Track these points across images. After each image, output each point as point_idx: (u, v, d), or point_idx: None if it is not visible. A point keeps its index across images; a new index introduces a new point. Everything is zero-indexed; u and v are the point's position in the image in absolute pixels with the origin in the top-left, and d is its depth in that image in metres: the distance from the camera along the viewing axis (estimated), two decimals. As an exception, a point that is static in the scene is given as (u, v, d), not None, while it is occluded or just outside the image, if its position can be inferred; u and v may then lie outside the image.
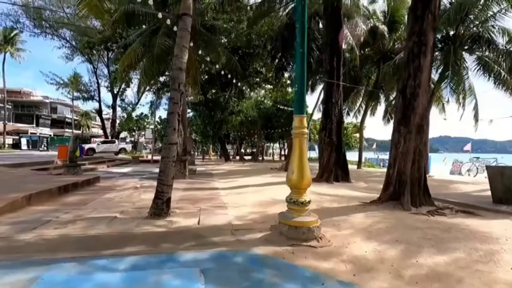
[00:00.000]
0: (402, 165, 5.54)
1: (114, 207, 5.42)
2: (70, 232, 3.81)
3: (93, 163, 15.53)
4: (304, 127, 3.82)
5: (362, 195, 6.90)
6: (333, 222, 4.46)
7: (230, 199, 6.48)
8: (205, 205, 5.78)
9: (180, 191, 7.57)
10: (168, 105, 5.00)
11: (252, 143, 37.11)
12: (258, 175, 11.87)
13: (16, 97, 59.70)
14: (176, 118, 4.88)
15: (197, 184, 9.12)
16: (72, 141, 10.16)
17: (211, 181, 10.05)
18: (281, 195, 6.98)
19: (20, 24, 22.60)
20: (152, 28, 11.50)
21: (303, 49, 3.83)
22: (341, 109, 9.72)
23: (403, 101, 5.62)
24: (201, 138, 29.88)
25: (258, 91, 26.27)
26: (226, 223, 4.45)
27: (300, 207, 3.72)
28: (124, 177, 10.78)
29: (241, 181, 9.86)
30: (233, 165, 18.99)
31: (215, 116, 22.11)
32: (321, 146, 9.30)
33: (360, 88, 16.85)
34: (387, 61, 15.64)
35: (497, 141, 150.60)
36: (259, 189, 7.80)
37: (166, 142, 4.87)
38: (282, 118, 25.72)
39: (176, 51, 5.00)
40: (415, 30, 5.54)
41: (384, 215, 4.84)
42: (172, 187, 4.97)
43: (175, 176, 10.62)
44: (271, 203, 5.96)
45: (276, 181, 9.49)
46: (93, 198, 6.27)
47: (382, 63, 15.68)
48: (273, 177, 10.91)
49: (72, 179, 7.92)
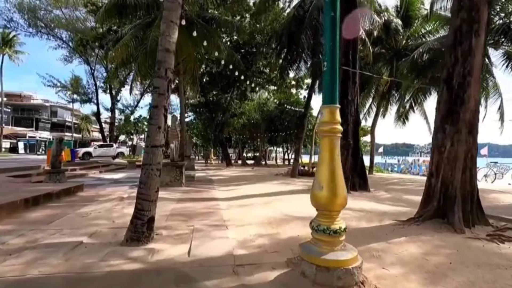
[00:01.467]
0: (448, 174, 4.38)
1: (85, 227, 4.28)
2: (2, 273, 2.67)
3: (85, 168, 14.45)
4: (337, 122, 2.69)
5: (391, 209, 5.72)
6: (371, 251, 3.30)
7: (232, 214, 5.33)
8: (201, 223, 4.63)
9: (172, 202, 6.43)
10: (152, 97, 3.89)
11: (254, 147, 35.99)
12: (263, 182, 10.71)
13: (16, 101, 59.28)
14: (162, 114, 3.76)
15: (193, 194, 7.98)
16: (55, 145, 9.05)
17: (210, 190, 8.91)
18: (293, 209, 5.75)
19: (13, 23, 21.80)
20: (146, 20, 10.48)
21: (335, 12, 2.72)
22: (358, 108, 8.60)
23: (448, 93, 4.48)
24: (202, 141, 28.79)
25: (261, 92, 25.20)
26: (226, 253, 3.30)
27: (333, 238, 2.57)
28: (113, 185, 9.66)
29: (244, 190, 8.71)
30: (235, 170, 17.84)
31: (216, 119, 21.02)
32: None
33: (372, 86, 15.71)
34: (401, 58, 14.56)
35: (500, 145, 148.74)
36: (266, 201, 6.64)
37: (148, 145, 3.74)
38: (286, 121, 24.64)
39: (163, 27, 3.90)
40: (464, 4, 4.41)
41: (435, 240, 3.67)
42: (155, 203, 3.83)
43: (170, 183, 9.52)
44: (283, 220, 4.80)
45: (285, 190, 8.34)
46: (64, 213, 5.13)
47: (395, 60, 14.57)
48: (281, 185, 9.75)
49: (47, 188, 6.80)
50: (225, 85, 20.37)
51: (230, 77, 19.53)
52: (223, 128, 21.54)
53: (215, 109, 21.27)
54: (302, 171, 13.39)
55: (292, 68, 14.90)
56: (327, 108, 2.71)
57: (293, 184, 9.89)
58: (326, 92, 2.75)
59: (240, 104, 22.95)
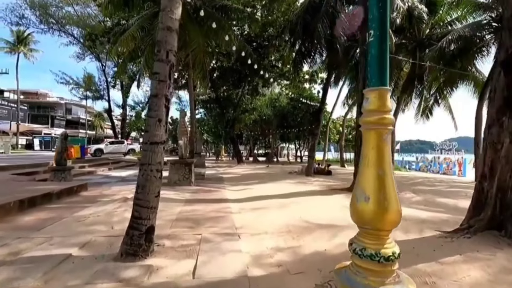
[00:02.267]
0: (507, 176, 3.62)
1: (79, 234, 3.77)
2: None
3: (94, 165, 14.18)
4: (388, 110, 2.01)
5: (429, 216, 4.97)
6: (421, 276, 2.62)
7: (244, 219, 4.72)
8: (209, 230, 4.05)
9: (180, 204, 5.88)
10: (151, 84, 3.30)
11: (265, 144, 35.32)
12: (277, 181, 10.07)
13: (32, 98, 60.73)
14: (163, 104, 3.16)
15: (203, 194, 7.42)
16: (59, 141, 8.68)
17: (220, 189, 8.35)
18: (314, 214, 5.00)
19: (25, 19, 21.82)
20: (153, 10, 9.94)
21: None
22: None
23: (507, 78, 3.69)
24: (213, 138, 28.34)
25: (273, 87, 24.45)
26: (239, 274, 2.69)
27: (383, 267, 1.91)
28: (119, 183, 9.24)
29: (257, 190, 8.10)
30: (246, 168, 17.27)
31: (226, 114, 20.45)
32: (358, 145, 7.40)
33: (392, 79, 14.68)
34: (424, 49, 13.52)
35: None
36: (282, 203, 6.00)
37: (146, 141, 3.16)
38: (298, 117, 23.82)
39: (164, 2, 3.29)
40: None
41: (499, 259, 2.94)
42: (156, 210, 3.26)
43: (179, 182, 9.01)
44: (304, 229, 4.15)
45: (301, 191, 7.67)
46: (60, 217, 4.66)
47: (418, 51, 13.54)
48: (296, 185, 9.09)
49: (48, 187, 6.39)
50: (236, 80, 19.75)
51: (241, 72, 18.91)
52: (234, 124, 20.96)
53: (225, 104, 20.70)
54: (317, 169, 12.66)
55: (307, 61, 14.08)
56: (374, 91, 2.03)
57: (310, 184, 9.20)
58: (372, 70, 2.06)
59: (251, 100, 22.30)
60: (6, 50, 39.16)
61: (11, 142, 35.86)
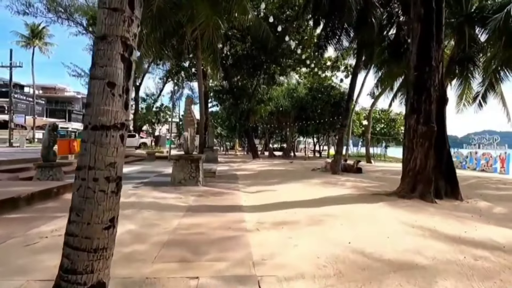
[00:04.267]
0: None
1: (13, 271, 2.39)
2: None
3: (98, 160, 13.11)
4: None
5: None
6: None
7: (266, 244, 3.22)
8: (213, 268, 2.58)
9: (179, 214, 4.47)
10: (97, 19, 1.80)
11: (282, 137, 33.60)
12: (300, 180, 8.51)
13: (51, 93, 61.89)
14: (119, 55, 1.66)
15: (211, 197, 5.98)
16: (47, 133, 7.45)
17: (233, 190, 6.90)
18: (367, 237, 3.32)
19: (32, 8, 21.05)
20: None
21: None
22: (443, 79, 6.02)
23: None
24: (226, 131, 26.93)
25: (291, 77, 22.65)
26: None
27: None
28: (117, 182, 7.97)
29: (278, 192, 6.58)
30: (262, 163, 15.76)
31: (241, 106, 18.94)
32: (410, 139, 5.68)
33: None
34: (473, 26, 11.37)
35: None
36: (315, 214, 4.44)
37: (87, 125, 1.68)
38: (318, 108, 21.90)
39: None
40: None
41: None
42: (109, 252, 1.78)
43: (184, 182, 7.55)
44: (363, 270, 2.58)
45: (334, 195, 6.08)
46: (8, 235, 3.32)
47: (467, 27, 11.39)
48: (325, 186, 7.49)
49: (18, 189, 5.13)
50: (251, 68, 18.14)
51: (256, 58, 17.30)
52: (249, 116, 19.42)
53: (240, 95, 19.18)
54: (345, 166, 10.97)
55: (332, 43, 12.31)
56: None
57: (341, 185, 7.58)
58: None
59: (267, 90, 20.64)
60: (22, 44, 39.35)
61: (28, 135, 36.12)
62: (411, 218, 4.18)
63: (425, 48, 5.62)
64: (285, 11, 15.69)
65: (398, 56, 10.80)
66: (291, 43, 16.75)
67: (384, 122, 26.14)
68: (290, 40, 16.59)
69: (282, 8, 15.85)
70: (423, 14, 5.73)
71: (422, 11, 5.74)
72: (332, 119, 21.85)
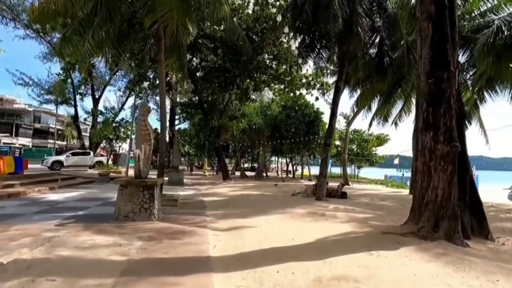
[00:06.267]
0: None
1: None
2: None
3: (30, 183, 10.53)
4: None
5: None
6: None
7: None
8: None
9: (105, 281, 2.68)
10: None
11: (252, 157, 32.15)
12: (282, 210, 6.99)
13: (-4, 105, 55.43)
14: None
15: (166, 243, 4.21)
16: None
17: (199, 228, 5.17)
18: None
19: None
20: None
21: None
22: (460, 89, 5.08)
23: None
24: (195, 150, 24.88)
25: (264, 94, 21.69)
26: None
27: None
28: (39, 215, 5.84)
29: (260, 230, 5.00)
30: (234, 186, 14.07)
31: (211, 121, 17.32)
32: (425, 162, 4.48)
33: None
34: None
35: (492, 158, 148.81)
36: (323, 279, 2.91)
37: None
38: (292, 127, 20.97)
39: None
40: None
41: None
42: None
43: (131, 216, 5.45)
44: None
45: (332, 235, 4.63)
46: None
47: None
48: (314, 217, 6.06)
49: None
50: (222, 82, 16.77)
51: (229, 71, 16.01)
52: (220, 133, 17.81)
53: (210, 109, 17.61)
54: (328, 190, 9.71)
55: (311, 55, 11.43)
56: None
57: (332, 218, 6.18)
58: None
59: (240, 106, 19.33)
60: (-39, 48, 34.63)
61: (-43, 152, 30.87)
62: (468, 284, 2.82)
63: (440, 50, 4.62)
64: (261, 24, 14.79)
65: (382, 71, 10.12)
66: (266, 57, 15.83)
67: (356, 142, 25.94)
68: (265, 54, 15.69)
69: (257, 21, 14.96)
70: (434, 12, 4.77)
71: (433, 8, 4.79)
72: (307, 139, 21.01)
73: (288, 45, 14.87)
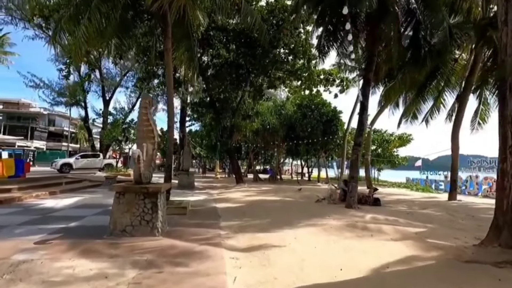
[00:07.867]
0: None
1: None
2: None
3: (30, 187, 9.75)
4: None
5: None
6: None
7: None
8: None
9: None
10: None
11: (265, 159, 30.90)
12: (311, 221, 5.81)
13: (13, 108, 56.92)
14: None
15: (168, 271, 3.13)
16: None
17: (212, 247, 4.07)
18: None
19: (-19, 8, 17.97)
20: None
21: None
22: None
23: None
24: (206, 151, 23.93)
25: (279, 90, 20.54)
26: None
27: None
28: (22, 228, 4.88)
29: (290, 251, 3.86)
30: (249, 190, 12.94)
31: (223, 121, 16.29)
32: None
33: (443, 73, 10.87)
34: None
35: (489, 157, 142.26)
36: None
37: None
38: (309, 127, 19.65)
39: None
40: None
41: None
42: None
43: (130, 231, 3.59)
44: None
45: (394, 261, 3.44)
46: None
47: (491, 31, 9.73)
48: (354, 233, 4.85)
49: None
50: (235, 78, 15.75)
51: (242, 67, 14.98)
52: (232, 134, 16.74)
53: (222, 108, 16.60)
54: (359, 196, 8.45)
55: (334, 45, 10.24)
56: None
57: (378, 232, 4.96)
58: None
59: (253, 105, 18.23)
60: (-22, 53, 35.12)
61: (-27, 154, 31.11)
62: None
63: None
64: (277, 15, 13.69)
65: (418, 59, 8.82)
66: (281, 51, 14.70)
67: (377, 143, 24.32)
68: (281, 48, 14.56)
69: (272, 13, 13.88)
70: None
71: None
72: (325, 139, 19.69)
73: (306, 36, 13.71)
